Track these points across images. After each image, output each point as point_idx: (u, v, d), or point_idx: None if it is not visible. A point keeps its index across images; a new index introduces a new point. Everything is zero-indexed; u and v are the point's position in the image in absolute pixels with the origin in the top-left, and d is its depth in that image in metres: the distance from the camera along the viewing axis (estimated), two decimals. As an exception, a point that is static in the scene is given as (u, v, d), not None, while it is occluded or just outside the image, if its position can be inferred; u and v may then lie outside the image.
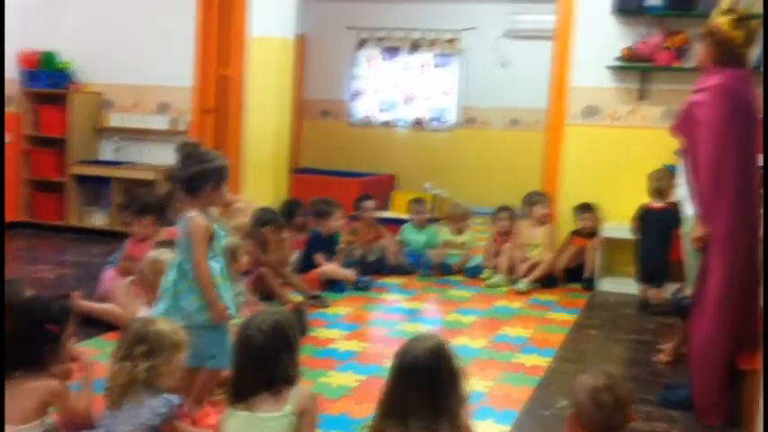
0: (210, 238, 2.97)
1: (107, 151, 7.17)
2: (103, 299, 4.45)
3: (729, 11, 3.36)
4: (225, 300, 2.98)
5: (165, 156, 6.87)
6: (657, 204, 5.14)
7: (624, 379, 2.40)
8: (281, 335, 2.42)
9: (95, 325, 4.15)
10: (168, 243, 3.90)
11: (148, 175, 6.64)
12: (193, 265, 2.93)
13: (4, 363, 2.46)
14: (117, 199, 6.81)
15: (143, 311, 3.30)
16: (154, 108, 6.98)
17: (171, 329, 2.63)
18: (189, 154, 2.97)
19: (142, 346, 2.54)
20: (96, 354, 3.45)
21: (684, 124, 3.39)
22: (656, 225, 5.04)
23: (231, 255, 4.19)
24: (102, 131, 7.15)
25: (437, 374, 2.25)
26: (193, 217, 2.93)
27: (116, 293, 4.32)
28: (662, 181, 5.10)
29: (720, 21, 3.34)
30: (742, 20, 3.33)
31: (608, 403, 2.19)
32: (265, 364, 2.38)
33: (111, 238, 6.31)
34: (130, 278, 4.12)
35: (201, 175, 2.94)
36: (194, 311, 2.93)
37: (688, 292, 3.72)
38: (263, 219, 5.06)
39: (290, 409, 2.36)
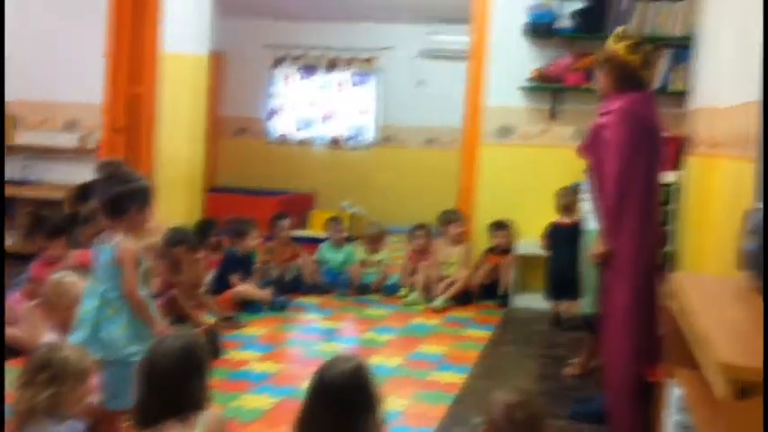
0: (139, 263, 2.86)
1: (13, 170, 6.90)
2: (8, 323, 4.25)
3: (624, 37, 3.49)
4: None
5: (73, 175, 6.66)
6: (565, 221, 5.26)
7: (537, 394, 2.43)
8: (189, 358, 2.33)
9: (-3, 351, 3.97)
10: (77, 267, 3.77)
11: (57, 195, 6.41)
12: (126, 293, 2.81)
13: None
14: (23, 220, 6.55)
15: (48, 336, 3.17)
16: (62, 125, 6.77)
17: (77, 356, 2.53)
18: (111, 174, 2.86)
19: (45, 374, 2.44)
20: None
21: (591, 146, 3.49)
22: (565, 241, 5.14)
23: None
24: (8, 149, 6.87)
25: (354, 397, 2.21)
26: (122, 242, 2.82)
27: (21, 317, 4.14)
28: (568, 197, 5.22)
29: (617, 47, 3.46)
30: (637, 45, 3.47)
31: (521, 420, 2.21)
32: (172, 390, 2.28)
33: (17, 260, 6.05)
34: (34, 302, 3.95)
35: (126, 197, 2.84)
36: (118, 344, 2.79)
37: (586, 305, 3.82)
38: (175, 239, 4.95)
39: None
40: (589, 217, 3.68)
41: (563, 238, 5.17)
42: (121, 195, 2.84)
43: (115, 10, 6.43)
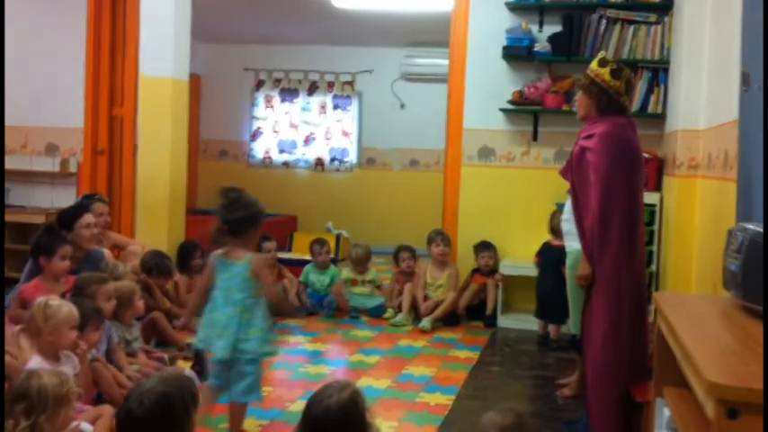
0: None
1: (-7, 194, 6.85)
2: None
3: (606, 62, 3.55)
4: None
5: (54, 199, 6.64)
6: (556, 243, 5.29)
7: (529, 416, 2.44)
8: (167, 409, 2.17)
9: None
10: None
11: (38, 219, 6.36)
12: (269, 297, 3.30)
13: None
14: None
15: (34, 360, 3.14)
16: (42, 149, 6.75)
17: (56, 383, 2.50)
18: (235, 199, 3.34)
19: (22, 404, 2.42)
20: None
21: (573, 168, 3.54)
22: (555, 262, 5.18)
23: (126, 299, 4.09)
24: (-13, 173, 6.84)
25: (349, 429, 2.20)
26: (254, 258, 3.30)
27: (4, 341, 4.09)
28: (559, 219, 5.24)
29: (601, 71, 3.52)
30: (620, 70, 3.53)
31: None
32: None
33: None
34: (19, 326, 3.90)
35: (247, 221, 3.32)
36: (255, 344, 3.21)
37: (574, 326, 3.84)
38: (147, 265, 4.98)
39: None
40: (570, 237, 3.71)
41: (553, 259, 5.20)
42: (244, 219, 3.31)
43: (93, 34, 6.44)
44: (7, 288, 4.85)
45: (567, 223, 3.75)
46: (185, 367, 4.19)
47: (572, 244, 3.66)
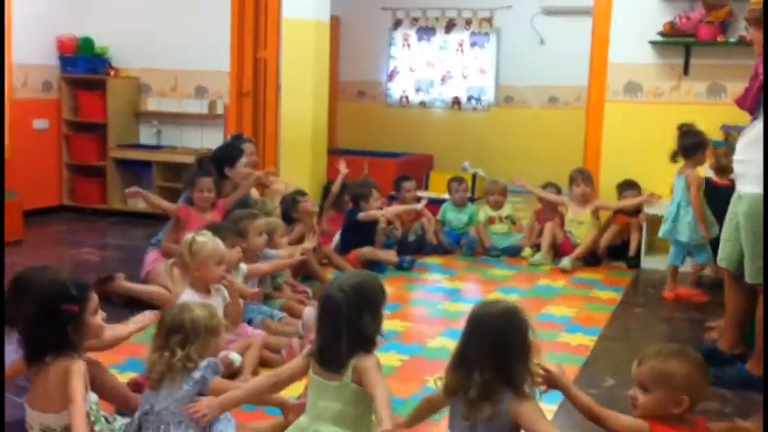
0: (701, 184, 4.70)
1: (146, 135, 7.23)
2: (146, 281, 4.48)
3: None
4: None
5: (203, 139, 6.93)
6: (719, 181, 4.99)
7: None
8: (362, 295, 2.41)
9: (139, 306, 4.19)
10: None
11: (188, 159, 6.66)
12: (693, 205, 4.65)
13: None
14: (158, 182, 6.86)
15: (186, 293, 3.30)
16: (191, 92, 7.02)
17: (206, 315, 2.63)
18: (686, 131, 4.67)
19: (178, 336, 2.55)
20: (140, 336, 3.48)
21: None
22: (716, 201, 4.89)
23: (269, 235, 4.21)
24: (141, 116, 7.21)
25: (503, 335, 2.26)
26: (691, 172, 4.63)
27: (159, 275, 4.34)
28: (727, 158, 4.90)
29: None
30: None
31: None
32: (343, 322, 2.36)
33: (152, 220, 6.35)
34: (172, 260, 4.11)
35: (694, 145, 4.65)
36: (688, 233, 4.66)
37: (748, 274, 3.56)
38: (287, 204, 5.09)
39: (350, 378, 2.36)
40: (743, 180, 3.42)
41: (715, 198, 4.91)
42: (691, 145, 4.65)
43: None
44: (158, 224, 5.13)
45: (741, 164, 3.45)
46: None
47: (745, 188, 3.36)
